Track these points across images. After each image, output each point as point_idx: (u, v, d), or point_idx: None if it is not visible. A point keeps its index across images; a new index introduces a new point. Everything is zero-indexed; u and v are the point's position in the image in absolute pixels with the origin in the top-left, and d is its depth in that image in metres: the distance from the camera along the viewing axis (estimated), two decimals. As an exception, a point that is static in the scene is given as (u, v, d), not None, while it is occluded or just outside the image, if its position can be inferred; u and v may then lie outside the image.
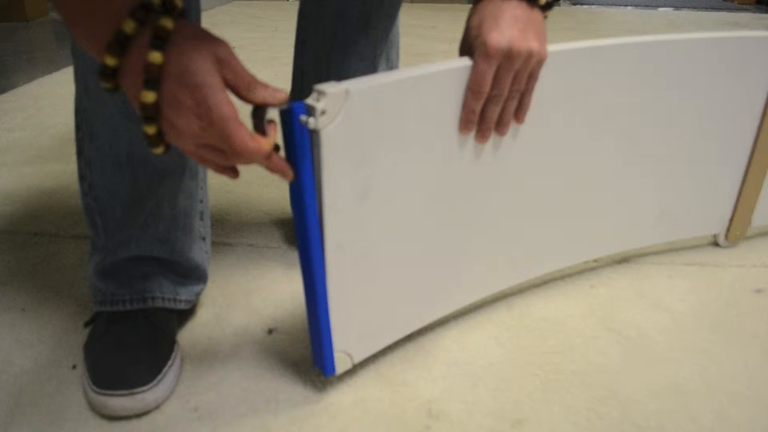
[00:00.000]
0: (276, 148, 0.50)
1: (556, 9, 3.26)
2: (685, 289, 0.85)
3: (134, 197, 0.66)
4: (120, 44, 0.43)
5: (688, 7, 3.36)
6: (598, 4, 3.43)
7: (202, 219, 0.73)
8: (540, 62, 0.60)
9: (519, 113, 0.64)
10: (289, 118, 0.50)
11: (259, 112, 0.48)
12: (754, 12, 3.31)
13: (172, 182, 0.67)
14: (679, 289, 0.86)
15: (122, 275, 0.69)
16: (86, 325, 0.71)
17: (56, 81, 1.78)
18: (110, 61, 0.43)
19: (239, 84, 0.46)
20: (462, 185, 0.67)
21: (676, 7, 3.35)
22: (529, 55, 0.57)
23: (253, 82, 0.47)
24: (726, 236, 0.94)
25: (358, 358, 0.67)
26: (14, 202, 1.06)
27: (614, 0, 3.52)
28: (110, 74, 0.44)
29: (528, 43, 0.57)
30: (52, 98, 1.62)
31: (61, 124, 1.43)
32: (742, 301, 0.83)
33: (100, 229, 0.68)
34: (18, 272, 0.86)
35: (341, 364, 0.65)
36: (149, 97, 0.43)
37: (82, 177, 0.67)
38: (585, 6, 3.36)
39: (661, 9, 3.31)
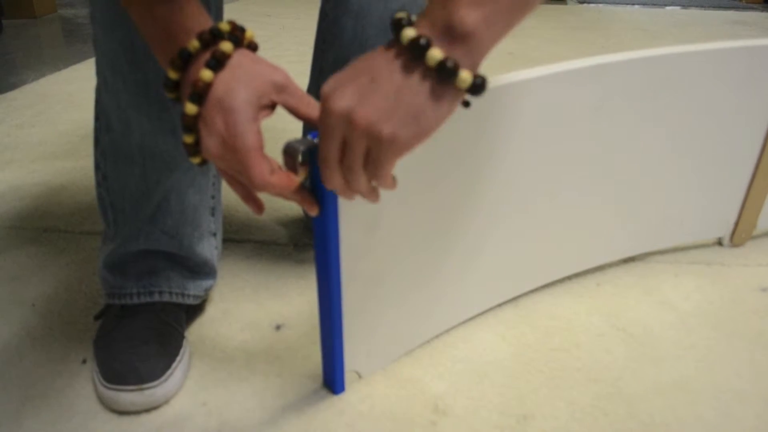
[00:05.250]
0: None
1: (562, 8, 3.25)
2: (691, 288, 0.86)
3: (142, 189, 0.67)
4: (183, 60, 0.46)
5: (696, 6, 3.35)
6: (605, 3, 3.42)
7: (213, 215, 0.74)
8: (392, 151, 0.42)
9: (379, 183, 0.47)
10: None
11: (290, 151, 0.49)
12: (762, 11, 3.29)
13: (181, 176, 0.67)
14: (684, 287, 0.86)
15: (130, 268, 0.70)
16: (96, 318, 0.72)
17: (65, 78, 1.79)
18: (172, 74, 0.47)
19: (299, 105, 0.49)
20: (467, 207, 0.67)
21: (684, 6, 3.34)
22: (372, 138, 0.42)
23: (312, 101, 0.49)
24: (731, 239, 0.94)
25: (365, 375, 0.68)
26: (23, 198, 1.07)
27: (621, -2, 3.51)
28: (172, 86, 0.48)
29: (379, 124, 0.41)
30: (60, 95, 1.63)
31: (69, 121, 1.44)
32: (748, 300, 0.83)
33: (110, 220, 0.69)
34: (28, 268, 0.87)
35: (350, 382, 0.67)
36: (191, 109, 0.46)
37: (97, 167, 0.68)
38: (592, 5, 3.35)
39: (668, 7, 3.30)
